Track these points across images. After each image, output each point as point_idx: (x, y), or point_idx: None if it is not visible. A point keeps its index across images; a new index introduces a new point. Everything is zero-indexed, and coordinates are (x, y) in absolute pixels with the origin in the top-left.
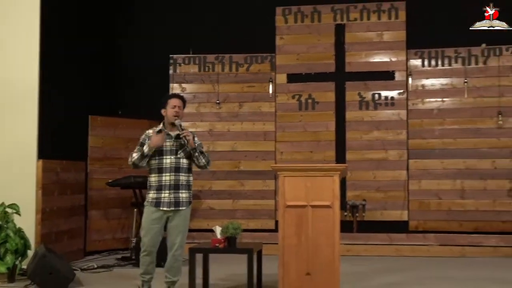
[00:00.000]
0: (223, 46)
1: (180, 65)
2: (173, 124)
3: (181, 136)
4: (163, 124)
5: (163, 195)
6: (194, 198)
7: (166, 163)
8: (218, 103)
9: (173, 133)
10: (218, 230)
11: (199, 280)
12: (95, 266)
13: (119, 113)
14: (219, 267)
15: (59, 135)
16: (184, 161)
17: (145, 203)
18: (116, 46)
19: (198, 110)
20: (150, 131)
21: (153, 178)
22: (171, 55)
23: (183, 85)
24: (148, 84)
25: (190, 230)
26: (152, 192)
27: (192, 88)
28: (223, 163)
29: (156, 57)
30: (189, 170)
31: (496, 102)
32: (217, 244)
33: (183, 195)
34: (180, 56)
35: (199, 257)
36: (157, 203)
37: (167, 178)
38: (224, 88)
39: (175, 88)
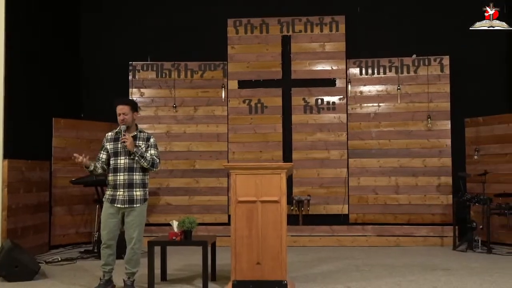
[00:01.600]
0: (179, 54)
1: (139, 72)
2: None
3: (120, 141)
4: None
5: (118, 193)
6: (152, 195)
7: (120, 163)
8: (175, 107)
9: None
10: (175, 224)
11: (157, 270)
12: (59, 259)
13: (81, 116)
14: (176, 259)
15: (24, 136)
16: (134, 162)
17: (103, 199)
18: (79, 53)
19: (156, 113)
20: (110, 133)
21: (110, 177)
22: (130, 62)
23: (142, 90)
24: (109, 88)
25: (149, 225)
26: (109, 190)
27: (150, 93)
28: (180, 162)
29: (117, 63)
30: (143, 169)
31: (425, 107)
32: (174, 237)
33: (137, 193)
34: (139, 63)
35: (157, 249)
36: (113, 200)
37: (121, 177)
38: (180, 93)
39: (134, 92)
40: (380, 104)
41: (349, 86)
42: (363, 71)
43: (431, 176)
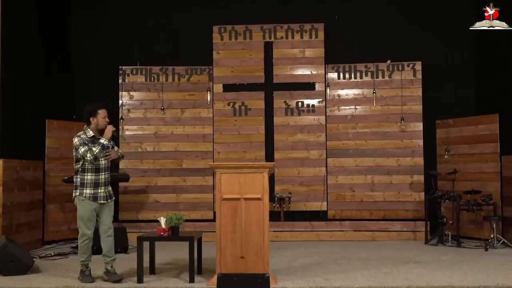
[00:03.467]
0: (167, 59)
1: (128, 75)
2: (103, 131)
3: (109, 144)
4: (90, 130)
5: (99, 190)
6: (141, 193)
7: (102, 164)
8: (163, 109)
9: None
10: (163, 220)
11: (146, 264)
12: (52, 254)
13: (73, 117)
14: (164, 253)
15: (18, 137)
16: (109, 163)
17: (81, 198)
18: (72, 57)
19: (145, 115)
20: (83, 136)
21: (89, 177)
22: (120, 66)
23: (131, 93)
24: (100, 91)
25: (138, 221)
26: (89, 188)
27: (139, 96)
28: (167, 162)
29: (107, 67)
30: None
31: (399, 109)
32: (162, 233)
33: (110, 189)
34: (129, 67)
35: (146, 244)
36: (95, 198)
37: (102, 176)
38: (168, 96)
39: (124, 95)
40: (356, 107)
41: (328, 89)
42: (341, 76)
43: (404, 175)
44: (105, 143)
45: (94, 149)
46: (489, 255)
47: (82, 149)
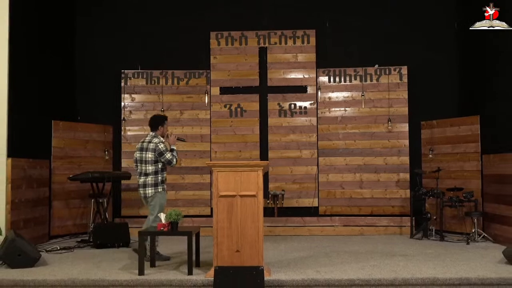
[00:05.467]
0: (167, 63)
1: (130, 79)
2: (167, 136)
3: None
4: (160, 136)
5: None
6: None
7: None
8: (163, 111)
9: None
10: (162, 216)
11: (147, 258)
12: (58, 248)
13: (78, 119)
14: (164, 247)
15: (26, 137)
16: None
17: (163, 192)
18: (76, 62)
19: (146, 116)
20: (162, 139)
21: (165, 175)
22: (122, 70)
23: (133, 95)
24: (103, 94)
25: (139, 217)
26: (165, 184)
27: (140, 98)
28: None
29: (110, 71)
30: None
31: (386, 111)
32: (162, 228)
33: None
34: (130, 71)
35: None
36: (166, 190)
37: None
38: (167, 98)
39: (126, 98)
40: (346, 109)
41: (319, 92)
42: (331, 79)
43: (391, 173)
44: (175, 148)
45: (174, 154)
46: (470, 249)
47: (168, 154)
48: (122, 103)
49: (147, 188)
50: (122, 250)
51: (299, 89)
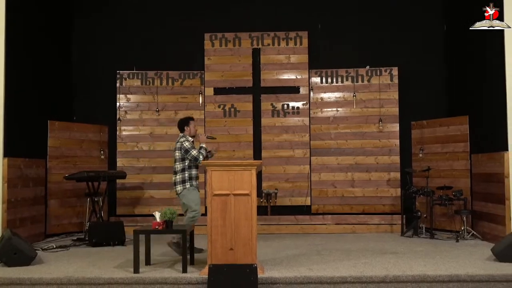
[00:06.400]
0: (161, 64)
1: (125, 79)
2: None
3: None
4: (188, 136)
5: (197, 182)
6: (138, 189)
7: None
8: (158, 111)
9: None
10: (157, 215)
11: (142, 256)
12: (54, 247)
13: (73, 119)
14: (159, 246)
15: (22, 137)
16: None
17: (191, 188)
18: (72, 62)
19: (141, 116)
20: (190, 138)
21: (193, 172)
22: (118, 71)
23: (128, 96)
24: (98, 94)
25: (134, 215)
26: (194, 180)
27: (135, 99)
28: (162, 160)
29: (105, 71)
30: None
31: (377, 111)
32: (157, 227)
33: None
34: (126, 72)
35: (142, 237)
36: (197, 187)
37: (197, 172)
38: (162, 99)
39: (121, 98)
40: (338, 109)
41: (311, 93)
42: (324, 80)
43: (382, 172)
44: (204, 146)
45: (201, 151)
46: (459, 246)
47: (194, 152)
48: (118, 104)
49: (176, 186)
50: (117, 248)
51: (292, 90)
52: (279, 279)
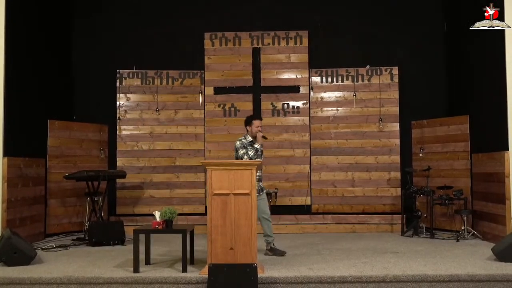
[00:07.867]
0: (161, 64)
1: (125, 79)
2: (255, 138)
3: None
4: (248, 136)
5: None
6: (137, 189)
7: None
8: (157, 110)
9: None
10: (157, 214)
11: (142, 255)
12: (54, 246)
13: (73, 118)
14: (159, 245)
15: (22, 136)
16: None
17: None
18: (72, 62)
19: (141, 116)
20: (243, 140)
21: (258, 173)
22: (118, 70)
23: (128, 95)
24: (98, 94)
25: (134, 215)
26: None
27: (135, 98)
28: (162, 160)
29: (105, 71)
30: None
31: (377, 111)
32: (157, 226)
33: (261, 183)
34: (126, 71)
35: (142, 237)
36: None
37: (258, 174)
38: (162, 98)
39: (121, 97)
40: (338, 109)
41: (312, 92)
42: (324, 80)
43: (382, 171)
44: (258, 147)
45: (249, 152)
46: (460, 246)
47: (241, 151)
48: (118, 103)
49: None
50: (118, 248)
51: (292, 89)
52: (279, 278)
